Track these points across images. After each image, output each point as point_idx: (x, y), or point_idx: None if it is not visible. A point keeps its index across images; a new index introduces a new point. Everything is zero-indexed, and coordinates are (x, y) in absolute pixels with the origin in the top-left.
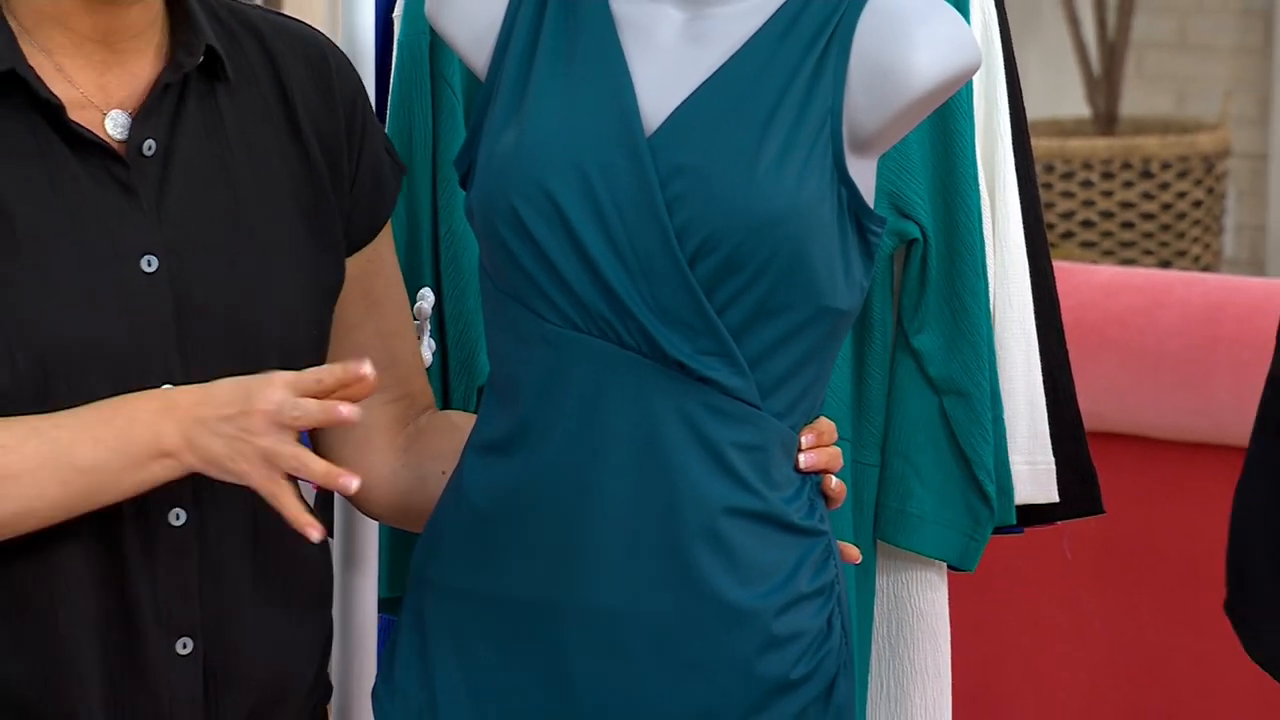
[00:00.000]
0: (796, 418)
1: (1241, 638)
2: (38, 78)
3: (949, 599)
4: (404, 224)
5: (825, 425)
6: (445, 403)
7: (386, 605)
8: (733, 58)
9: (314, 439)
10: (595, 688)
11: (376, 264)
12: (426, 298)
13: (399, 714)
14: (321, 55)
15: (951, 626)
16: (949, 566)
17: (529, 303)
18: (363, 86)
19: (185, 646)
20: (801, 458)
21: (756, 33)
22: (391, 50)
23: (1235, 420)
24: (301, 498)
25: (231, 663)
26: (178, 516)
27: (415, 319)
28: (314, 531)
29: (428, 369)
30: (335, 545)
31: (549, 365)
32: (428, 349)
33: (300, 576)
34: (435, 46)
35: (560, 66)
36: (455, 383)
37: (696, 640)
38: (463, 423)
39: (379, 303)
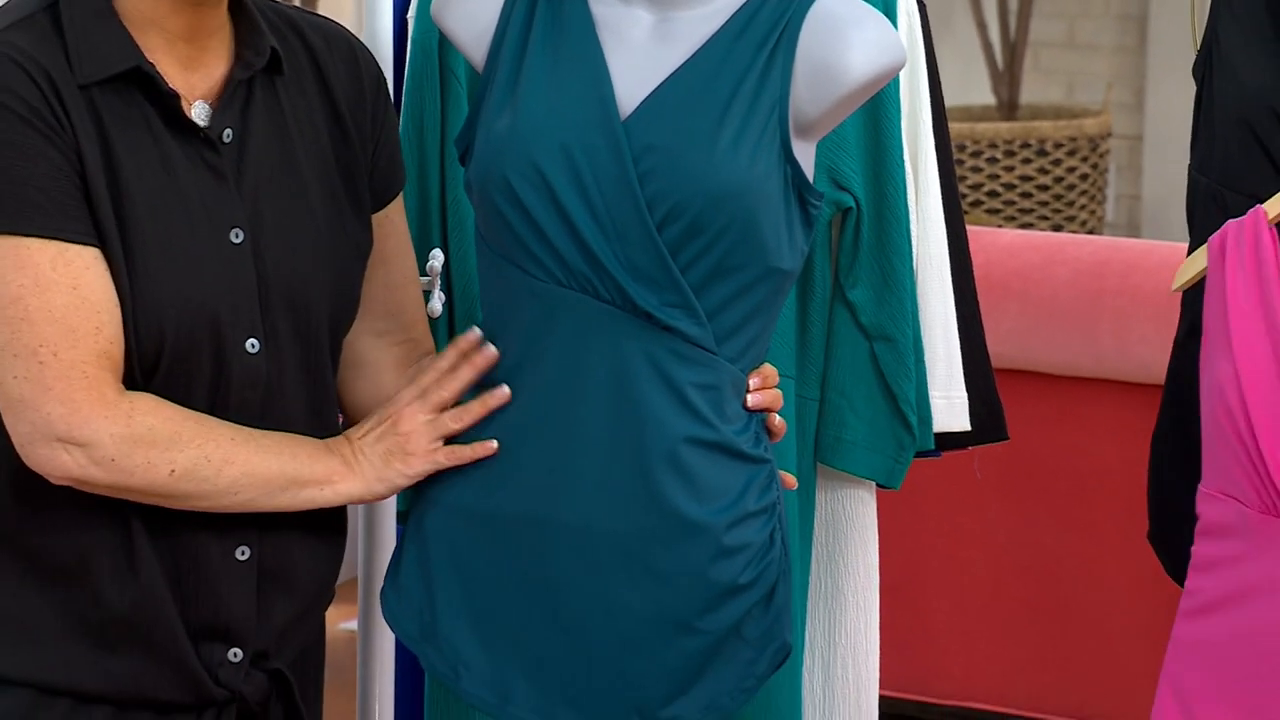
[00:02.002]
0: (746, 362)
1: (1162, 561)
2: (159, 74)
3: (877, 512)
4: (416, 194)
5: (769, 370)
6: None
7: (403, 518)
8: (695, 54)
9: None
10: (574, 592)
11: (388, 228)
12: (437, 258)
13: (403, 613)
14: (351, 49)
15: (879, 534)
16: (878, 485)
17: (520, 262)
18: (383, 76)
19: (244, 553)
20: (749, 397)
21: (715, 34)
22: (406, 45)
23: (1117, 359)
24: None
25: (282, 568)
26: None
27: (427, 275)
28: (491, 444)
29: (437, 318)
30: None
31: (536, 315)
32: (438, 301)
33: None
34: (444, 43)
35: (548, 61)
36: (461, 329)
37: (659, 550)
38: None
39: (389, 260)
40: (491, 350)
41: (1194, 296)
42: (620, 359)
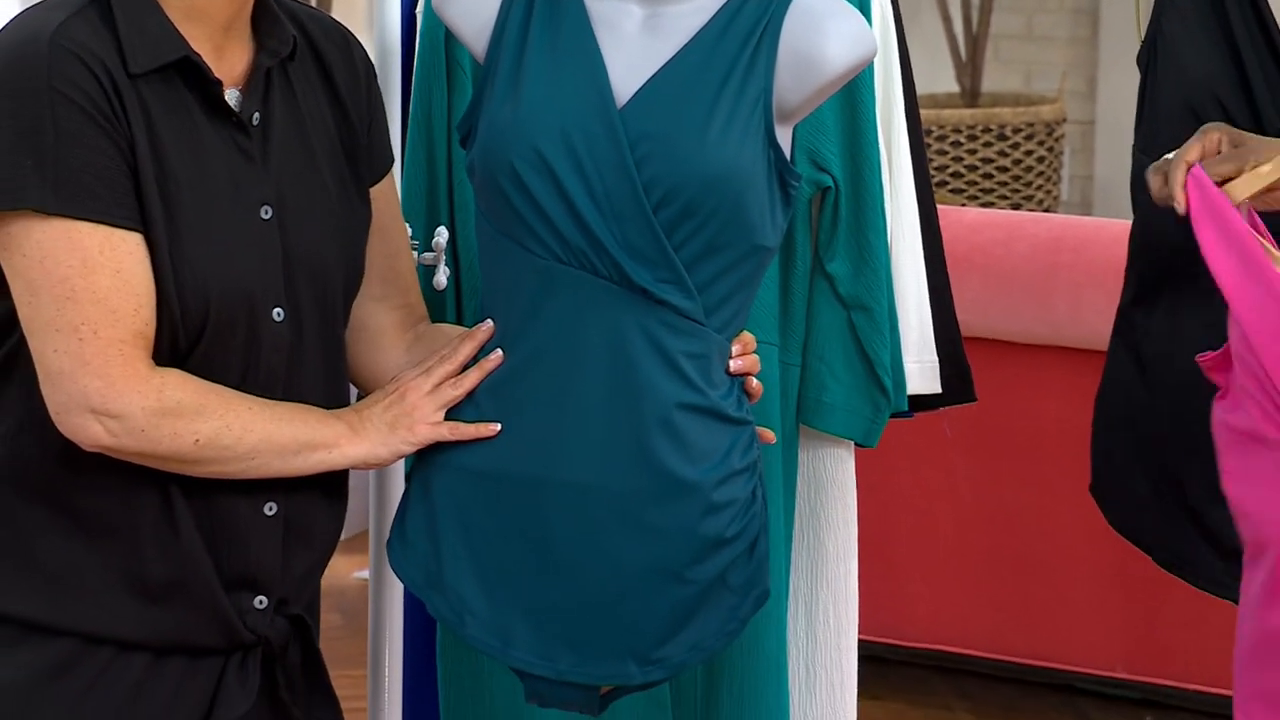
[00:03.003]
0: (730, 331)
1: (1104, 512)
2: (204, 62)
3: (855, 468)
4: (424, 176)
5: (747, 337)
6: (458, 316)
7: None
8: (685, 47)
9: None
10: (572, 545)
11: (383, 201)
12: (442, 234)
13: (410, 563)
14: (345, 40)
15: (857, 489)
16: (855, 443)
17: (521, 240)
18: (372, 64)
19: (271, 509)
20: (731, 363)
21: (703, 27)
22: (414, 39)
23: (1071, 327)
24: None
25: (303, 523)
26: None
27: (432, 251)
28: (494, 425)
29: (442, 291)
30: None
31: (536, 290)
32: (443, 274)
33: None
34: (450, 36)
35: (546, 54)
36: (466, 300)
37: (652, 507)
38: (453, 332)
39: (385, 230)
40: (490, 330)
41: (1140, 266)
42: (617, 331)
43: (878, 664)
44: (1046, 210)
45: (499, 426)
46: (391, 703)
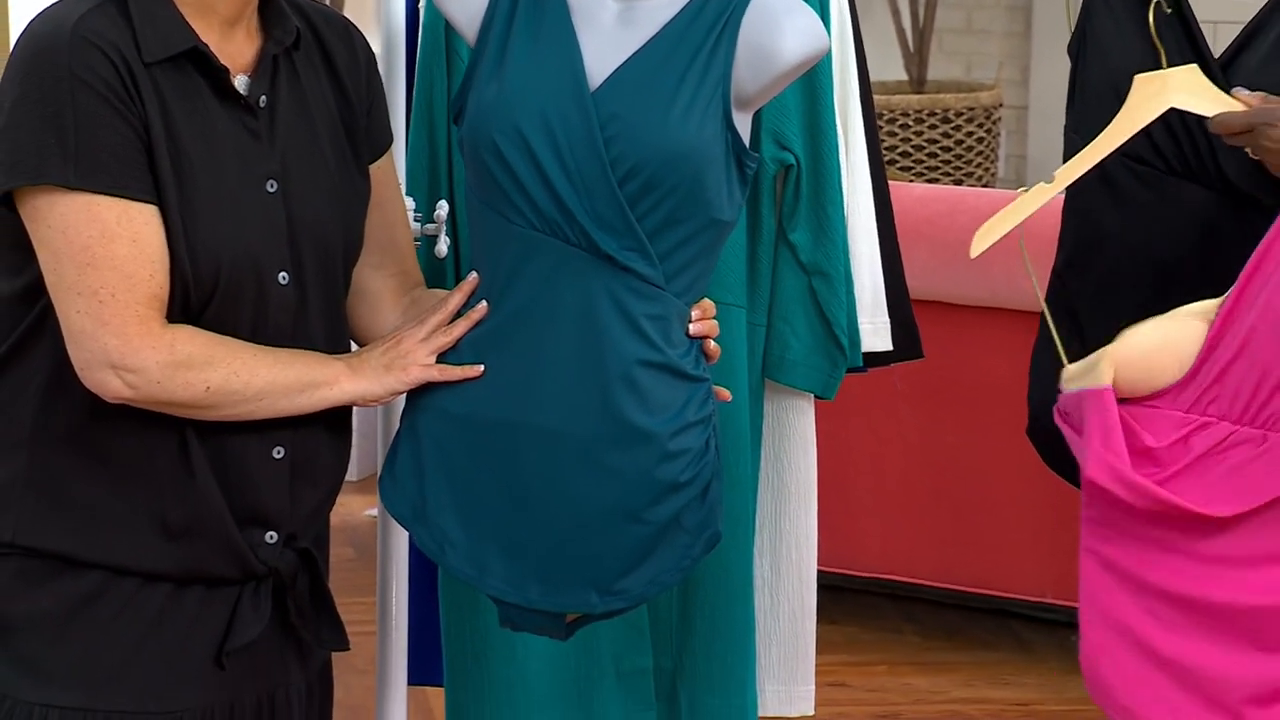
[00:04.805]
0: (690, 296)
1: (1039, 452)
2: (211, 51)
3: (815, 418)
4: (426, 154)
5: (708, 303)
6: (457, 281)
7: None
8: (654, 37)
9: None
10: (541, 486)
11: (382, 177)
12: (443, 207)
13: (398, 498)
14: (347, 29)
15: (816, 436)
16: (815, 396)
17: (502, 210)
18: (373, 52)
19: (279, 453)
20: (691, 326)
21: (671, 20)
22: (417, 29)
23: (1007, 291)
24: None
25: (309, 464)
26: None
27: (433, 222)
28: (477, 368)
29: (443, 259)
30: None
31: (515, 255)
32: (444, 244)
33: (347, 411)
34: (448, 27)
35: (529, 41)
36: (464, 267)
37: (614, 453)
38: (444, 296)
39: (384, 204)
40: (475, 281)
41: (1068, 237)
42: (586, 293)
43: (834, 591)
44: (985, 186)
45: (482, 368)
46: (399, 626)
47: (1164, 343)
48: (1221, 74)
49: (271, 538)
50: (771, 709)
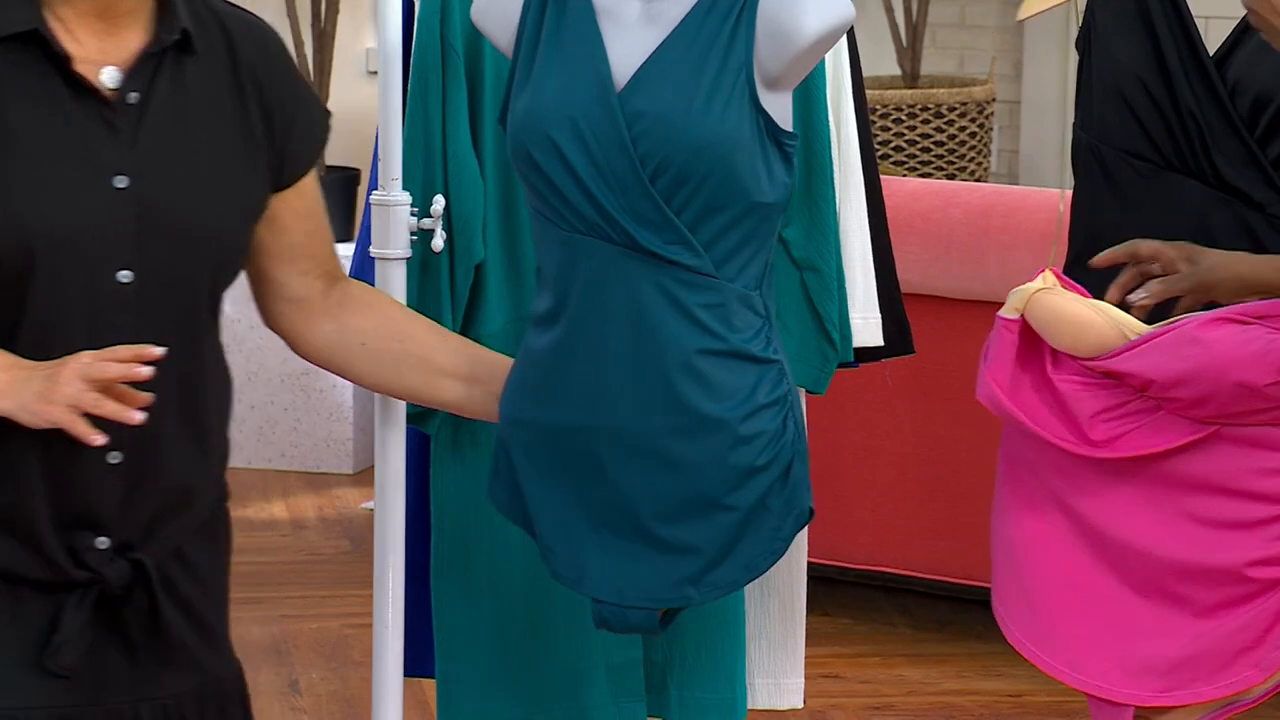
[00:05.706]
0: (747, 279)
1: None
2: (54, 36)
3: (807, 412)
4: (422, 148)
5: None
6: (451, 277)
7: (412, 419)
8: (672, 33)
9: (268, 316)
10: (625, 483)
11: (307, 189)
12: (439, 202)
13: (513, 513)
14: (265, 38)
15: (809, 429)
16: (807, 390)
17: (549, 216)
18: (293, 62)
19: (115, 458)
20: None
21: (688, 13)
22: (413, 24)
23: (1000, 285)
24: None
25: (150, 469)
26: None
27: (430, 216)
28: (97, 438)
29: (439, 253)
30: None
31: (566, 259)
32: (440, 238)
33: (209, 409)
34: (444, 20)
35: (556, 48)
36: (459, 261)
37: (686, 444)
38: (372, 299)
39: (311, 214)
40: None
41: (1076, 232)
42: (635, 290)
43: (827, 583)
44: (978, 180)
45: (101, 439)
46: (395, 619)
47: (1076, 323)
48: (1216, 70)
49: (102, 543)
50: (761, 702)
